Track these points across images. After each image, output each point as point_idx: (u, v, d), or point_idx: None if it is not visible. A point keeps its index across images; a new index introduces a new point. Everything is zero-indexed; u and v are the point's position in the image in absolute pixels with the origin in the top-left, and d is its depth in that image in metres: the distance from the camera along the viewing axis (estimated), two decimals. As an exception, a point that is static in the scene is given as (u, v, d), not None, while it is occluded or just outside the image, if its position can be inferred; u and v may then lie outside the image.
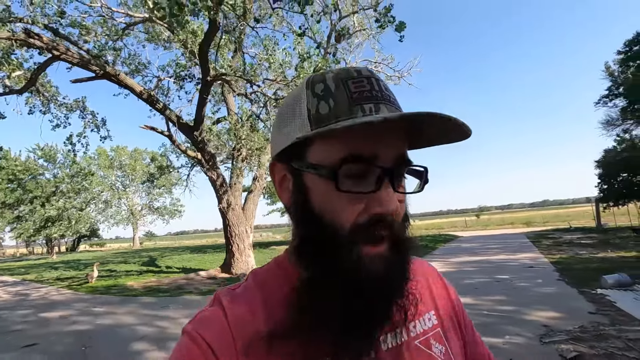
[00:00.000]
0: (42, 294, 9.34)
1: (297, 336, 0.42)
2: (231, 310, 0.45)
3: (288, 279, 0.47)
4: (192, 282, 9.70)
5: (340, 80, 0.43)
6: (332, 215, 0.41)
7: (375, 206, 0.41)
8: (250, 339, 0.43)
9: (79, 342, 4.93)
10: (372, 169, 0.41)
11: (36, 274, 14.79)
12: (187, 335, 0.44)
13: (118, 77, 8.27)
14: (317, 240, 0.42)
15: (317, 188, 0.43)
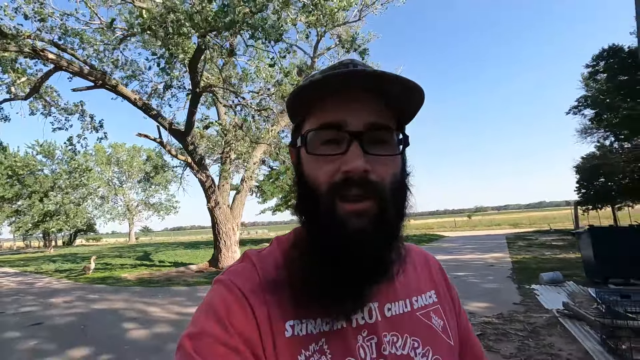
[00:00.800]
0: (43, 284, 10.20)
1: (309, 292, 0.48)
2: (260, 264, 0.52)
3: (304, 242, 0.51)
4: (182, 275, 10.56)
5: (329, 68, 0.52)
6: (313, 177, 0.48)
7: (344, 165, 0.45)
8: (277, 291, 0.49)
9: (78, 322, 5.79)
10: (342, 134, 0.47)
11: (35, 266, 15.61)
12: (220, 283, 0.50)
13: (115, 87, 9.09)
14: (305, 201, 0.50)
15: (305, 158, 0.50)
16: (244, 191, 12.77)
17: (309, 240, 0.49)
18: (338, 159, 0.46)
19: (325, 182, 0.46)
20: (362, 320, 0.50)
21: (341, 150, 0.46)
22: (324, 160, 0.47)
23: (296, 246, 0.52)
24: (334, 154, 0.47)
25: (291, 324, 0.47)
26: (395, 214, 0.48)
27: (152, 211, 40.50)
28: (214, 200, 11.04)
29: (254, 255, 0.54)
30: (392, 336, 0.51)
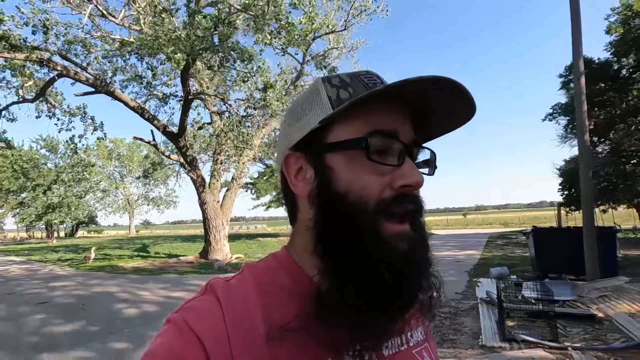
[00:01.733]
0: (47, 271, 11.19)
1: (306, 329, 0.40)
2: (227, 301, 0.41)
3: (289, 273, 0.46)
4: (173, 265, 11.53)
5: (354, 75, 0.46)
6: (359, 190, 0.40)
7: (399, 180, 0.40)
8: (248, 334, 0.39)
9: (78, 302, 6.76)
10: (393, 144, 0.41)
11: (39, 255, 16.63)
12: (173, 325, 0.40)
13: (113, 93, 9.99)
14: (343, 220, 0.40)
15: (340, 165, 0.42)
16: (233, 189, 13.70)
17: (344, 265, 0.40)
18: (390, 172, 0.41)
19: (375, 197, 0.40)
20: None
21: (395, 163, 0.41)
22: (374, 171, 0.40)
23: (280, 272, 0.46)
24: (393, 164, 0.41)
25: None
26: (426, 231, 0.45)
27: (152, 205, 41.56)
28: (205, 197, 11.98)
29: (220, 287, 0.43)
30: None
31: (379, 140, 0.40)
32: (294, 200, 0.48)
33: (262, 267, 0.48)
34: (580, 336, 4.11)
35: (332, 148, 0.42)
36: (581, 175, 7.43)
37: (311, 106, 0.46)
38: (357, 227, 0.39)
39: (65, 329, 5.08)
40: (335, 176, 0.42)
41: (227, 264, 11.46)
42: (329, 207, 0.42)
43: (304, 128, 0.45)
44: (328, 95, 0.45)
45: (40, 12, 9.25)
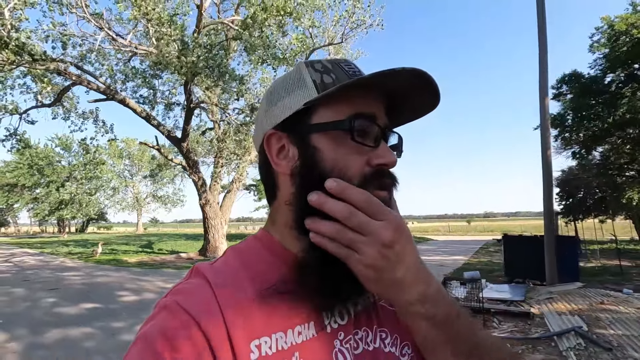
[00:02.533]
0: (58, 262, 12.13)
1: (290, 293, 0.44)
2: (215, 280, 0.44)
3: (270, 249, 0.49)
4: (173, 261, 12.37)
5: (335, 62, 0.49)
6: (342, 168, 0.44)
7: (377, 159, 0.45)
8: (238, 304, 0.42)
9: (85, 289, 7.59)
10: (372, 127, 0.45)
11: (51, 249, 17.68)
12: (163, 307, 0.41)
13: (123, 101, 10.89)
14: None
15: (326, 146, 0.45)
16: (233, 191, 14.51)
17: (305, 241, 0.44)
18: (368, 152, 0.45)
19: (358, 172, 0.44)
20: (336, 324, 0.46)
21: (372, 144, 0.45)
22: (356, 150, 0.45)
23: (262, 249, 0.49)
24: (371, 145, 0.45)
25: (257, 343, 0.40)
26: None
27: (160, 203, 42.71)
28: (205, 198, 12.80)
29: (206, 269, 0.46)
30: (363, 332, 0.48)
31: (360, 123, 0.44)
32: (274, 179, 0.50)
33: (243, 247, 0.51)
34: (509, 329, 4.75)
35: (317, 129, 0.45)
36: (543, 189, 8.01)
37: (295, 88, 0.48)
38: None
39: (72, 311, 5.90)
40: (320, 155, 0.45)
41: (224, 261, 12.25)
42: (312, 182, 0.44)
43: (287, 109, 0.47)
44: (312, 79, 0.47)
45: (59, 24, 10.23)
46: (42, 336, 4.61)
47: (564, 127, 15.53)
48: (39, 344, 4.34)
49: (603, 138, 14.76)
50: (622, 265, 10.80)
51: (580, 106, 14.69)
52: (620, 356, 3.52)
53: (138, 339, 0.39)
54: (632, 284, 8.64)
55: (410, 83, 0.45)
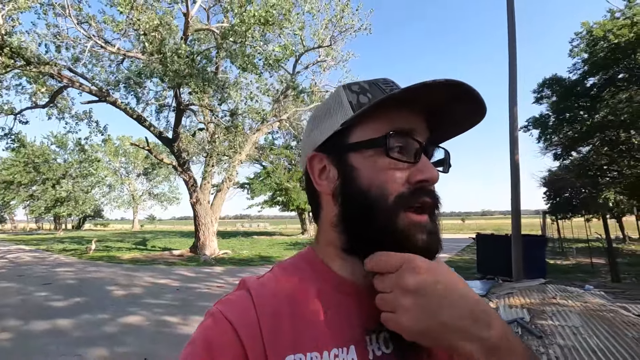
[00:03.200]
0: (53, 258, 12.52)
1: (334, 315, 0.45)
2: (257, 293, 0.46)
3: (313, 267, 0.50)
4: (165, 257, 12.78)
5: (372, 82, 0.50)
6: (380, 186, 0.44)
7: (417, 175, 0.44)
8: (275, 320, 0.44)
9: (77, 284, 8.00)
10: (411, 142, 0.45)
11: (46, 245, 18.04)
12: (210, 315, 0.45)
13: (115, 103, 11.25)
14: (367, 214, 0.44)
15: (363, 165, 0.46)
16: (224, 190, 14.90)
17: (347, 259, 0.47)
18: (407, 168, 0.45)
19: (395, 192, 0.44)
20: (379, 351, 0.45)
21: (412, 160, 0.45)
22: (394, 167, 0.44)
23: (306, 267, 0.51)
24: (410, 161, 0.45)
25: (292, 358, 0.42)
26: (439, 223, 0.47)
27: (156, 201, 43.08)
28: (196, 197, 13.20)
29: (251, 282, 0.49)
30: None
31: (397, 139, 0.44)
32: (318, 199, 0.52)
33: (288, 264, 0.53)
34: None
35: (354, 148, 0.46)
36: (510, 190, 8.45)
37: (333, 111, 0.50)
38: (380, 219, 0.43)
39: (62, 304, 6.30)
40: (357, 174, 0.46)
41: (213, 258, 12.67)
42: (352, 202, 0.46)
43: (327, 130, 0.49)
44: (349, 100, 0.48)
45: (53, 26, 10.58)
46: (32, 327, 5.02)
47: (546, 128, 16.02)
48: (29, 334, 4.74)
49: (583, 140, 15.23)
50: (593, 263, 11.29)
51: (561, 109, 15.16)
52: (547, 343, 3.95)
53: (188, 343, 0.43)
54: (597, 281, 9.15)
55: (448, 94, 0.44)
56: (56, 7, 10.15)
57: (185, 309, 6.06)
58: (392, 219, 0.43)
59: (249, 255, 14.10)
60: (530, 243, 8.64)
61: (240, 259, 12.75)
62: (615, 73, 13.70)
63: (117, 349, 4.21)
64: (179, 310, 5.93)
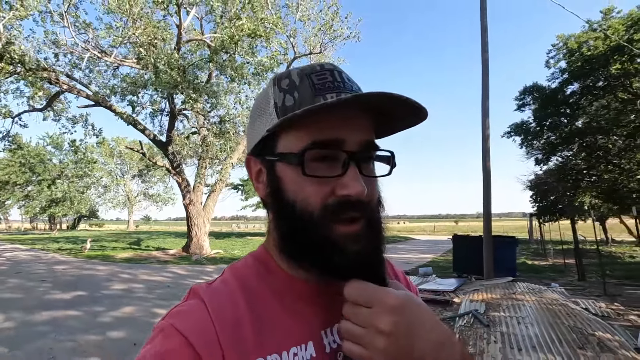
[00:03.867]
0: (49, 257, 12.92)
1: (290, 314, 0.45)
2: (211, 301, 0.44)
3: (268, 269, 0.50)
4: (157, 257, 13.23)
5: (305, 74, 0.46)
6: (303, 200, 0.43)
7: (342, 189, 0.42)
8: (235, 327, 0.42)
9: (73, 280, 8.45)
10: (338, 153, 0.43)
11: (42, 245, 18.39)
12: (160, 330, 0.42)
13: (111, 107, 11.71)
14: (294, 227, 0.44)
15: (287, 176, 0.44)
16: (217, 191, 15.37)
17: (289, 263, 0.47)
18: (333, 181, 0.43)
19: (319, 205, 0.43)
20: (335, 344, 0.47)
21: (337, 172, 0.43)
22: (316, 181, 0.43)
23: (259, 268, 0.50)
24: (331, 176, 0.43)
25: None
26: (381, 230, 0.47)
27: (151, 201, 43.34)
28: (189, 198, 13.67)
29: (202, 290, 0.47)
30: None
31: (318, 152, 0.42)
32: (262, 199, 0.51)
33: (240, 266, 0.52)
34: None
35: (280, 158, 0.45)
36: (483, 194, 9.00)
37: (262, 111, 0.48)
38: (308, 233, 0.43)
39: (60, 297, 6.76)
40: (284, 185, 0.45)
41: (205, 257, 13.14)
42: (281, 214, 0.46)
43: (257, 133, 0.48)
44: (275, 101, 0.46)
45: (51, 33, 11.04)
46: (33, 317, 5.48)
47: (527, 134, 16.66)
48: (31, 323, 5.20)
49: (562, 145, 15.87)
50: (566, 264, 11.89)
51: (542, 116, 15.80)
52: (492, 331, 4.49)
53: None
54: (565, 280, 9.73)
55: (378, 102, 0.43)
56: (54, 15, 10.63)
57: (175, 302, 6.53)
58: (322, 232, 0.43)
59: (240, 254, 14.57)
60: (501, 244, 9.21)
61: (231, 258, 13.22)
62: (592, 81, 14.35)
63: (110, 335, 4.69)
64: (170, 304, 6.41)
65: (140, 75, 8.26)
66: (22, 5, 9.36)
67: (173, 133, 12.50)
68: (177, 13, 9.17)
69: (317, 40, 15.41)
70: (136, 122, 12.43)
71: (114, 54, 9.66)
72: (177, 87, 8.23)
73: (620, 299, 7.02)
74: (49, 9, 10.67)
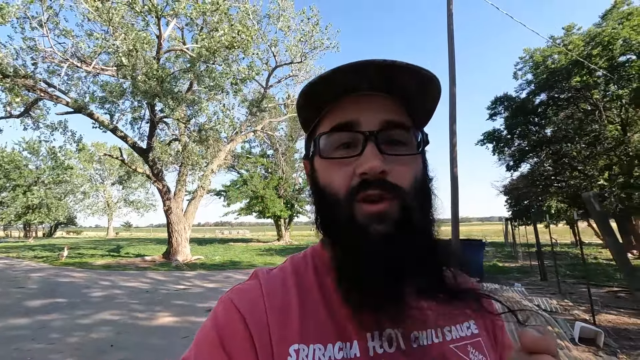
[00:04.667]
0: (25, 265, 12.74)
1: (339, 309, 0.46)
2: (267, 283, 0.49)
3: (323, 262, 0.52)
4: (136, 263, 13.23)
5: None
6: (330, 184, 0.47)
7: (359, 167, 0.44)
8: (282, 309, 0.46)
9: (50, 287, 8.47)
10: (355, 136, 0.45)
11: (17, 252, 17.99)
12: (220, 303, 0.48)
13: (91, 115, 11.76)
14: (323, 211, 0.48)
15: (319, 166, 0.49)
16: (197, 198, 15.48)
17: (332, 252, 0.47)
18: (354, 162, 0.45)
19: (344, 187, 0.45)
20: (381, 349, 0.45)
21: (356, 153, 0.45)
22: (338, 164, 0.46)
23: (314, 260, 0.53)
24: (349, 156, 0.45)
25: (296, 348, 0.43)
26: (421, 219, 0.45)
27: (132, 208, 42.68)
28: (169, 205, 13.75)
29: (262, 274, 0.52)
30: None
31: (338, 135, 0.46)
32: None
33: (299, 256, 0.56)
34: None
35: (314, 152, 0.50)
36: (450, 198, 9.53)
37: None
38: (337, 215, 0.45)
39: (39, 303, 6.83)
40: (317, 175, 0.50)
41: (185, 263, 13.22)
42: (316, 201, 0.51)
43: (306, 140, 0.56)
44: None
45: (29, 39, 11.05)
46: (11, 322, 5.57)
47: (499, 141, 17.50)
48: (8, 327, 5.31)
49: (530, 153, 16.75)
50: (532, 265, 12.56)
51: (512, 124, 16.66)
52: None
53: (202, 327, 0.47)
54: (529, 280, 10.32)
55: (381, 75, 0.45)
56: (32, 21, 10.68)
57: (152, 306, 6.72)
58: (347, 212, 0.44)
59: (221, 260, 14.69)
60: (468, 247, 9.75)
61: (211, 264, 13.35)
62: (557, 92, 15.27)
63: (89, 337, 4.87)
64: (147, 308, 6.59)
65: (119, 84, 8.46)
66: (1, 14, 9.40)
67: (153, 140, 12.62)
68: (156, 24, 9.41)
69: (297, 50, 15.84)
70: (116, 129, 12.49)
71: (94, 63, 9.79)
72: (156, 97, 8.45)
73: (573, 296, 7.60)
74: (27, 16, 10.72)
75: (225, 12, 8.57)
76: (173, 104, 8.78)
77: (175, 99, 8.79)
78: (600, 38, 12.68)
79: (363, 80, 0.45)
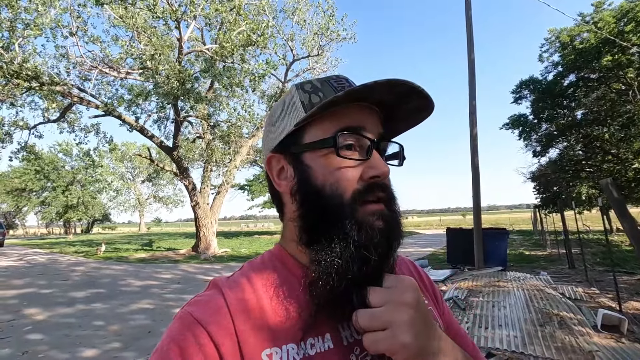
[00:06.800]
0: (67, 259, 13.72)
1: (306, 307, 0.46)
2: (229, 292, 0.47)
3: (282, 262, 0.52)
4: (168, 256, 13.93)
5: (325, 80, 0.51)
6: (333, 184, 0.46)
7: (370, 170, 0.46)
8: (251, 318, 0.44)
9: (90, 279, 9.14)
10: (361, 139, 0.47)
11: (59, 248, 19.31)
12: (178, 319, 0.45)
13: (120, 117, 12.39)
14: (323, 211, 0.46)
15: (317, 164, 0.48)
16: (222, 192, 16.01)
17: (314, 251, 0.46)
18: (360, 166, 0.47)
19: (348, 189, 0.46)
20: (352, 338, 0.47)
21: (364, 157, 0.47)
22: (346, 165, 0.46)
23: (274, 262, 0.52)
24: (361, 159, 0.47)
25: (268, 352, 0.42)
26: (400, 215, 0.49)
27: (161, 204, 44.44)
28: (195, 200, 14.32)
29: (221, 282, 0.50)
30: None
31: (346, 137, 0.46)
32: (279, 198, 0.54)
33: (258, 261, 0.54)
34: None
35: (308, 147, 0.48)
36: (472, 188, 9.42)
37: (287, 111, 0.51)
38: (337, 215, 0.45)
39: (82, 294, 7.43)
40: (312, 173, 0.48)
41: (213, 255, 13.79)
42: (309, 200, 0.48)
43: (282, 131, 0.51)
44: (301, 100, 0.50)
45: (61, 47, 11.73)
46: (59, 311, 6.13)
47: (525, 127, 16.92)
48: (58, 315, 5.85)
49: (559, 137, 16.11)
50: (560, 253, 12.22)
51: (539, 108, 16.05)
52: (467, 313, 4.97)
53: (155, 350, 0.43)
54: (556, 268, 10.09)
55: (395, 92, 0.47)
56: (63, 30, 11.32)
57: (184, 295, 7.16)
58: (351, 214, 0.45)
59: (247, 252, 15.20)
60: (492, 236, 9.63)
61: (238, 256, 13.85)
62: (586, 73, 14.57)
63: (127, 324, 5.30)
64: (179, 297, 7.03)
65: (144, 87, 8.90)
66: (36, 25, 10.03)
67: (179, 139, 13.14)
68: (177, 27, 9.76)
69: (314, 42, 15.88)
70: (144, 129, 13.10)
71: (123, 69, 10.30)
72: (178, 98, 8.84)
73: (601, 284, 7.42)
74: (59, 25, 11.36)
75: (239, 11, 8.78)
76: (195, 103, 9.15)
77: (198, 99, 9.15)
78: (634, 13, 11.97)
79: (375, 94, 0.47)
